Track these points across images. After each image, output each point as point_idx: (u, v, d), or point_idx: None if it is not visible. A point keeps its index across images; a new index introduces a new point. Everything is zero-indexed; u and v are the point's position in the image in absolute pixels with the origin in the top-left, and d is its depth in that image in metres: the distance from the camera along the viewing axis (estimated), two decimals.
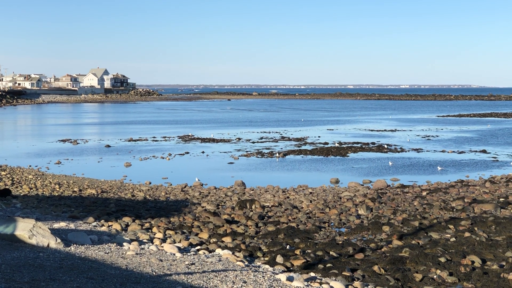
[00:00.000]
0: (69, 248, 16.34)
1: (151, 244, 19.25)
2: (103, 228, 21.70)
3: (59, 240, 16.44)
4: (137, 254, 16.56)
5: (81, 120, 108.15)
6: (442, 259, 18.60)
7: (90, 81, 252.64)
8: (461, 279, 17.15)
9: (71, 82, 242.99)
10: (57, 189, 32.90)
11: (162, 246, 18.56)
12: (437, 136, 72.02)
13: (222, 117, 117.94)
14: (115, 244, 17.82)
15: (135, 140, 66.04)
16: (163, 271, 14.69)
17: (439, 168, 42.86)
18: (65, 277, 13.12)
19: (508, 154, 52.53)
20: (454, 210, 27.40)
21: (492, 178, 37.78)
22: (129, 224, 23.70)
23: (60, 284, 12.52)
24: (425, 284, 16.76)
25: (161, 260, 15.94)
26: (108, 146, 59.94)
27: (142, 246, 18.28)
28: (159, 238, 20.88)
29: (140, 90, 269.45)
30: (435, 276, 17.23)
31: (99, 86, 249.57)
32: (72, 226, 21.15)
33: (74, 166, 45.02)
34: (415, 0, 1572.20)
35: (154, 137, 69.56)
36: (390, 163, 45.11)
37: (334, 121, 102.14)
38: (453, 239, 21.60)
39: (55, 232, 17.52)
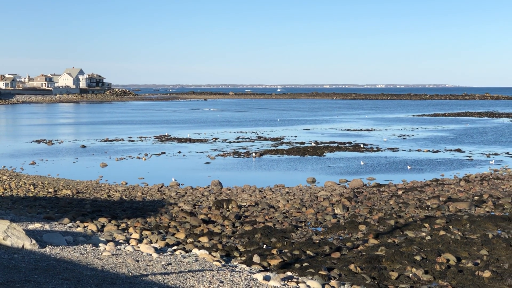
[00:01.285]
0: (44, 249, 16.20)
1: (127, 244, 19.15)
2: (79, 229, 21.54)
3: (34, 241, 16.28)
4: (113, 254, 16.46)
5: (56, 121, 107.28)
6: (418, 258, 18.74)
7: (65, 81, 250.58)
8: (436, 277, 17.29)
9: (46, 82, 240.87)
10: (32, 190, 32.60)
11: (139, 247, 18.48)
12: (413, 135, 72.52)
13: (198, 117, 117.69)
14: (90, 245, 17.70)
15: (111, 140, 65.66)
16: (139, 271, 14.62)
17: (408, 167, 43.16)
18: (40, 279, 13.00)
19: (482, 153, 53.04)
20: (430, 208, 27.62)
21: (467, 177, 38.12)
22: (105, 224, 23.55)
23: (35, 286, 12.41)
24: (401, 282, 16.87)
25: (137, 261, 15.86)
26: (84, 146, 59.52)
27: (118, 246, 18.18)
28: (135, 239, 20.78)
29: (116, 90, 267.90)
30: (410, 274, 17.35)
31: (74, 86, 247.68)
32: (47, 227, 20.97)
33: (49, 167, 44.65)
34: (389, 1, 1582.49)
35: (130, 137, 69.23)
36: (362, 163, 45.29)
37: (311, 121, 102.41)
38: (428, 237, 21.76)
39: (30, 233, 17.35)
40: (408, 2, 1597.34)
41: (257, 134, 74.08)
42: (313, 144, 59.70)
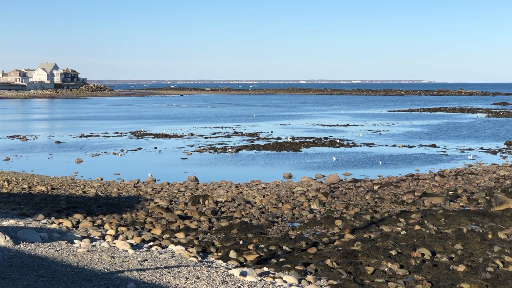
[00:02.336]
0: (18, 246, 16.06)
1: (102, 241, 19.05)
2: (54, 226, 21.38)
3: (8, 238, 16.13)
4: (88, 251, 16.36)
5: (30, 116, 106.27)
6: (393, 252, 18.86)
7: (39, 76, 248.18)
8: (412, 271, 17.42)
9: (20, 77, 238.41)
10: (6, 186, 32.26)
11: (114, 243, 18.39)
12: (389, 130, 72.96)
13: (175, 112, 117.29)
14: (65, 241, 17.58)
15: (86, 136, 65.20)
16: (115, 268, 14.55)
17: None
18: (14, 275, 12.89)
19: (456, 148, 53.52)
20: (405, 203, 27.81)
21: (442, 171, 38.44)
22: (80, 221, 23.40)
23: (9, 283, 12.30)
24: (377, 276, 16.97)
25: (113, 257, 15.79)
26: (59, 142, 59.05)
27: (94, 243, 18.08)
28: (111, 235, 20.67)
29: (91, 85, 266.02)
30: (386, 269, 17.46)
31: (48, 81, 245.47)
32: (21, 223, 20.78)
33: (24, 163, 44.23)
34: None
35: (106, 133, 68.80)
36: (334, 159, 45.37)
37: (287, 116, 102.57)
38: (403, 232, 21.92)
39: (4, 230, 17.19)
40: (382, 0, 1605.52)
41: (234, 129, 74.04)
42: (289, 140, 59.80)
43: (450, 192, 30.50)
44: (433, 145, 55.29)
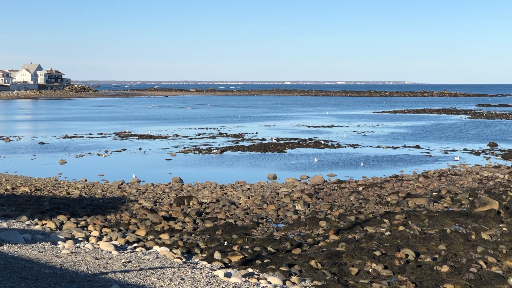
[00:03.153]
0: (1, 248, 15.95)
1: (86, 242, 18.98)
2: (37, 227, 21.26)
3: None
4: (72, 252, 16.28)
5: (14, 117, 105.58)
6: (377, 253, 18.93)
7: (23, 76, 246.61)
8: (396, 272, 17.49)
9: (3, 78, 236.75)
10: None
11: (98, 244, 18.32)
12: (373, 132, 73.20)
13: (159, 113, 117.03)
14: (49, 243, 17.48)
15: (70, 137, 64.88)
16: (99, 269, 14.49)
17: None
18: None
19: (440, 149, 53.80)
20: (389, 204, 27.92)
21: (426, 173, 38.62)
22: (64, 222, 23.29)
23: None
24: (361, 277, 17.03)
25: (97, 259, 15.72)
26: (42, 143, 58.71)
27: (78, 244, 18.00)
28: (95, 236, 20.59)
29: (75, 86, 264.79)
30: (370, 270, 17.52)
31: (32, 82, 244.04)
32: (4, 225, 20.64)
33: (7, 164, 43.93)
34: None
35: (90, 134, 68.50)
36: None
37: (272, 117, 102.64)
38: (388, 233, 22.00)
39: None
40: (367, 1, 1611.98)
41: (218, 130, 73.98)
42: (274, 141, 59.83)
43: (434, 193, 30.65)
44: (417, 146, 55.54)
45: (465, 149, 53.53)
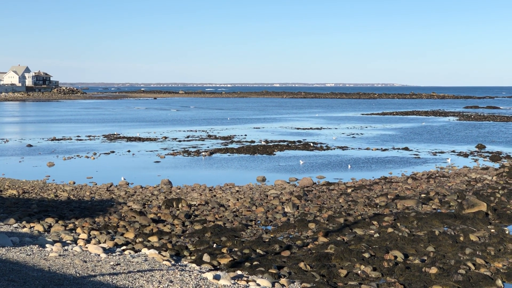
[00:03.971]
0: None
1: (75, 245, 18.90)
2: (25, 230, 21.15)
3: None
4: (60, 255, 16.21)
5: (1, 119, 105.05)
6: (366, 255, 18.96)
7: (10, 79, 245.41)
8: (384, 273, 17.53)
9: None
10: None
11: (87, 247, 18.25)
12: (362, 134, 73.34)
13: (148, 116, 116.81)
14: (37, 245, 17.40)
15: (58, 139, 64.61)
16: (87, 272, 14.43)
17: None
18: None
19: (429, 151, 53.97)
20: (378, 206, 27.97)
21: (414, 174, 38.73)
22: (52, 225, 23.18)
23: None
24: (350, 279, 17.05)
25: (85, 261, 15.65)
26: (30, 145, 58.43)
27: (66, 247, 17.92)
28: (83, 239, 20.51)
29: (64, 88, 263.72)
30: (359, 272, 17.55)
31: (20, 84, 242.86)
32: None
33: None
34: (338, 1, 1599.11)
35: (79, 136, 68.26)
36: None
37: (261, 120, 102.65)
38: (376, 235, 22.05)
39: None
40: (355, 2, 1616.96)
41: (207, 133, 73.92)
42: (263, 143, 59.83)
43: (423, 195, 30.75)
44: (406, 148, 55.70)
45: (453, 151, 53.74)
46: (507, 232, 22.83)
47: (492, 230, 23.00)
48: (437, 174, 38.50)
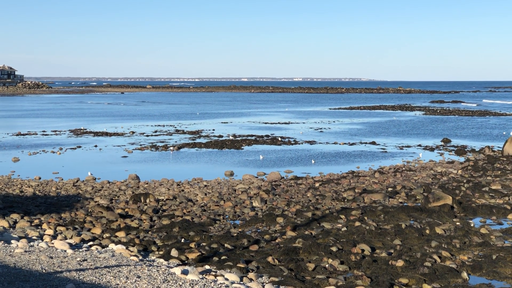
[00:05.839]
0: None
1: (41, 241, 18.71)
2: None
3: None
4: (26, 251, 16.02)
5: None
6: (334, 248, 19.07)
7: None
8: (352, 267, 17.65)
9: None
10: None
11: (53, 243, 18.07)
12: (330, 128, 73.69)
13: (115, 110, 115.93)
14: (2, 242, 17.18)
15: (23, 134, 63.82)
16: (53, 268, 14.28)
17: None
18: None
19: (396, 145, 54.45)
20: (346, 200, 28.14)
21: (381, 168, 39.03)
22: (17, 221, 22.90)
23: None
24: (318, 273, 17.13)
25: (51, 257, 15.50)
26: None
27: (32, 243, 17.72)
28: (49, 235, 20.30)
29: (29, 82, 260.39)
30: (327, 265, 17.64)
31: None
32: None
33: None
34: None
35: (44, 131, 67.49)
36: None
37: (229, 114, 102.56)
38: (344, 228, 22.18)
39: None
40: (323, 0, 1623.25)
41: (175, 127, 73.64)
42: (231, 137, 59.81)
43: (390, 189, 31.01)
44: (373, 143, 56.13)
45: (419, 145, 54.28)
46: (472, 225, 23.14)
47: (458, 223, 23.29)
48: (403, 168, 38.86)
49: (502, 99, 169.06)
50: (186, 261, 18.10)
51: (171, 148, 50.83)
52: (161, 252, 19.18)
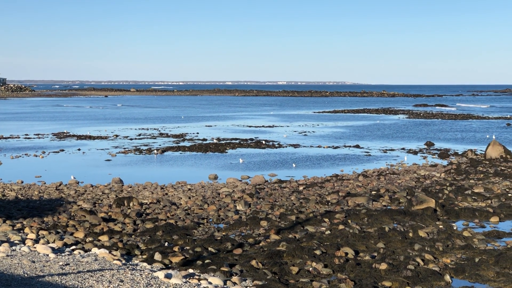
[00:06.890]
0: None
1: (23, 245, 18.57)
2: None
3: None
4: (7, 256, 15.90)
5: None
6: (318, 252, 19.09)
7: None
8: (336, 270, 17.67)
9: None
10: None
11: (35, 247, 17.95)
12: (314, 131, 73.82)
13: (99, 113, 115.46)
14: None
15: (5, 138, 63.37)
16: (36, 272, 14.18)
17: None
18: None
19: (379, 148, 54.64)
20: (329, 203, 28.19)
21: (365, 172, 39.15)
22: None
23: None
24: (301, 276, 17.14)
25: (34, 262, 15.39)
26: None
27: (13, 247, 17.59)
28: (31, 239, 20.16)
29: (11, 85, 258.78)
30: (310, 269, 17.65)
31: None
32: None
33: None
34: (288, 1, 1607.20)
35: (27, 135, 67.04)
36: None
37: (213, 117, 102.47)
38: (328, 232, 22.22)
39: None
40: (305, 3, 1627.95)
41: (159, 131, 73.45)
42: (215, 141, 59.75)
43: (373, 192, 31.11)
44: (357, 146, 56.28)
45: (403, 149, 54.50)
46: (455, 228, 23.26)
47: (441, 226, 23.40)
48: (387, 171, 39.00)
49: (477, 103, 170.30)
50: (169, 265, 18.05)
51: (155, 151, 50.69)
52: (144, 256, 19.11)
